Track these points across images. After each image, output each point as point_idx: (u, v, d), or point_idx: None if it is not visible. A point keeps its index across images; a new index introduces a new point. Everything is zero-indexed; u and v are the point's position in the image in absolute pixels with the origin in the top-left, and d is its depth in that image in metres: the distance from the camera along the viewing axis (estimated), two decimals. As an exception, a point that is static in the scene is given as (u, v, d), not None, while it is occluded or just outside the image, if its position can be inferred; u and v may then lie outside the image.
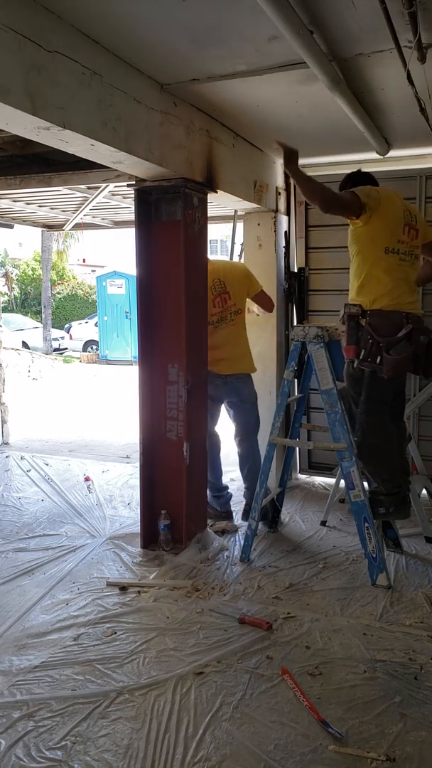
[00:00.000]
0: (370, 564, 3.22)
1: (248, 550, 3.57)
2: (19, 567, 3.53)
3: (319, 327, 3.40)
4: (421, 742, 2.12)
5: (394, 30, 2.38)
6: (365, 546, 3.22)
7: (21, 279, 24.54)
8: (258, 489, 3.61)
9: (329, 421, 3.31)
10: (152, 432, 3.72)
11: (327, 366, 3.34)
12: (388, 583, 3.18)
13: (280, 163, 4.80)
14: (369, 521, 3.21)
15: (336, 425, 3.29)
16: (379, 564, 3.20)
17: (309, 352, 3.42)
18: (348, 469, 3.25)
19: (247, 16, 2.33)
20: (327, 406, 3.31)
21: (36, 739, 2.16)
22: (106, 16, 2.37)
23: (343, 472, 3.28)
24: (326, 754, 2.07)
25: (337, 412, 3.28)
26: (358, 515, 3.24)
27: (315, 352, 3.37)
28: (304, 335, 3.42)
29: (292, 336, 3.43)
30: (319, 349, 3.37)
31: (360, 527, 3.24)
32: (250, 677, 2.49)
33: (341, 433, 3.28)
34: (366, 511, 3.22)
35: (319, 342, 3.36)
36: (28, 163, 4.36)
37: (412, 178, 4.49)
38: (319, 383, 3.36)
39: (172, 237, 3.51)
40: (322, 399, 3.34)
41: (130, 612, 3.00)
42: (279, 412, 3.58)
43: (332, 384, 3.31)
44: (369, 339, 3.16)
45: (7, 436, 6.69)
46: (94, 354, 16.67)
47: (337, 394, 3.29)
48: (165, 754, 2.08)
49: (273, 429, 3.56)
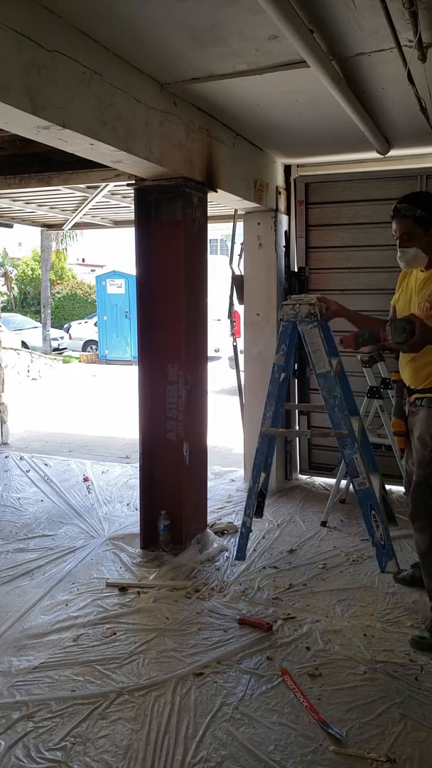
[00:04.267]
0: (379, 551, 3.06)
1: (243, 549, 3.42)
2: (18, 567, 3.52)
3: (311, 304, 3.06)
4: (421, 743, 2.12)
5: (395, 29, 2.38)
6: (372, 534, 3.06)
7: (20, 279, 24.52)
8: (251, 484, 3.40)
9: (327, 406, 3.07)
10: (152, 432, 3.71)
11: (322, 347, 3.04)
12: (397, 569, 3.07)
13: (280, 163, 4.80)
14: (375, 509, 3.04)
15: (335, 411, 3.06)
16: (387, 551, 3.05)
17: (301, 333, 3.09)
18: (351, 457, 3.05)
19: (247, 15, 2.33)
20: (324, 391, 3.06)
21: (36, 739, 2.15)
22: (106, 15, 2.37)
23: (346, 459, 3.08)
24: (326, 755, 2.07)
25: (336, 397, 3.04)
26: (364, 503, 3.06)
27: (308, 332, 3.05)
28: (294, 314, 3.08)
29: (280, 316, 3.11)
30: (312, 328, 3.04)
31: (366, 515, 3.07)
32: (250, 678, 2.49)
33: (341, 418, 3.05)
34: (372, 498, 3.04)
35: (312, 321, 3.04)
36: (28, 162, 4.35)
37: (412, 177, 4.49)
38: (314, 366, 3.07)
39: (172, 236, 3.51)
40: (318, 383, 3.09)
41: (129, 613, 2.99)
42: (270, 400, 3.26)
43: (329, 366, 3.05)
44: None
45: (7, 436, 6.68)
46: (94, 354, 16.65)
47: (334, 378, 3.05)
48: (165, 755, 2.08)
49: (264, 419, 3.27)
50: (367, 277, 4.72)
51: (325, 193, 4.83)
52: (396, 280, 3.10)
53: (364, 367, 4.24)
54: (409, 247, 2.81)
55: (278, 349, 3.21)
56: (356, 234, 4.73)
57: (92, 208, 6.28)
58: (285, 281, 4.86)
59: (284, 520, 4.23)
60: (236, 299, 4.98)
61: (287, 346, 3.18)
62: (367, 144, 3.94)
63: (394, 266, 4.36)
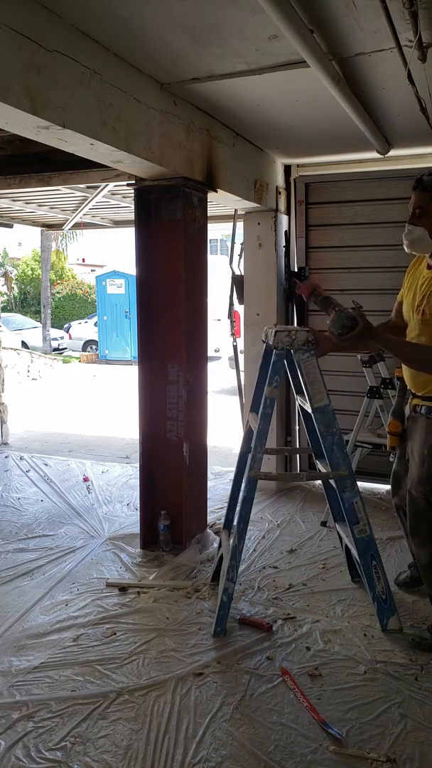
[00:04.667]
0: (380, 607, 2.81)
1: (224, 622, 2.81)
2: (18, 567, 3.52)
3: (308, 331, 2.79)
4: (421, 743, 2.12)
5: (395, 29, 2.38)
6: (373, 588, 2.79)
7: (20, 279, 24.52)
8: (236, 542, 2.86)
9: (325, 444, 2.78)
10: (152, 432, 3.71)
11: (320, 378, 2.78)
12: (399, 626, 2.81)
13: (280, 163, 4.80)
14: (377, 558, 2.80)
15: (334, 449, 2.78)
16: (389, 606, 2.81)
17: (297, 362, 2.80)
18: (350, 501, 2.78)
19: (247, 15, 2.33)
20: (322, 427, 2.77)
21: (36, 739, 2.15)
22: (106, 15, 2.37)
23: (345, 504, 2.79)
24: (326, 755, 2.07)
25: (335, 434, 2.77)
26: (364, 553, 2.80)
27: (305, 361, 2.77)
28: (290, 342, 2.75)
29: (274, 343, 2.77)
30: (309, 357, 2.77)
31: (367, 566, 2.79)
32: (250, 678, 2.48)
33: (341, 458, 2.78)
34: (373, 547, 2.80)
35: (310, 349, 2.77)
36: (28, 162, 4.35)
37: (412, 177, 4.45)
38: (311, 400, 2.78)
39: (172, 236, 3.51)
40: (315, 419, 2.79)
41: (129, 613, 2.99)
42: (260, 440, 2.79)
43: (327, 400, 2.78)
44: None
45: (7, 436, 6.68)
46: (94, 354, 16.66)
47: (332, 412, 2.79)
48: (165, 755, 2.08)
49: (254, 461, 2.80)
50: (367, 277, 4.72)
51: (325, 193, 4.83)
52: (396, 280, 3.07)
53: (364, 367, 4.24)
54: (418, 225, 2.60)
55: (271, 381, 2.80)
56: (356, 234, 4.73)
57: (92, 208, 6.27)
58: (285, 281, 4.86)
59: (284, 520, 4.23)
60: (236, 299, 4.98)
61: (281, 377, 2.83)
62: (367, 144, 3.94)
63: (394, 266, 4.40)
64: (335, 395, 3.06)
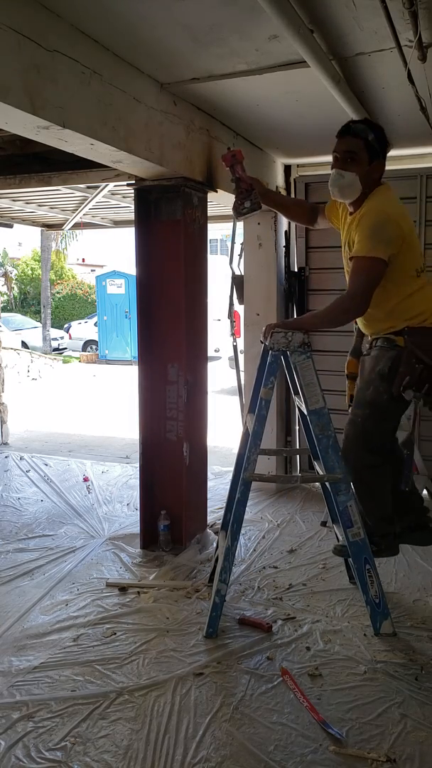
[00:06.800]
0: (373, 611, 2.80)
1: (216, 624, 2.80)
2: (18, 567, 3.52)
3: (304, 333, 2.74)
4: (421, 743, 2.11)
5: (395, 29, 2.38)
6: (366, 591, 2.78)
7: (20, 279, 24.52)
8: (229, 543, 2.83)
9: (320, 447, 2.76)
10: (152, 432, 3.71)
11: (316, 380, 2.74)
12: (393, 630, 2.80)
13: (280, 163, 4.80)
14: (370, 562, 2.78)
15: (329, 452, 2.74)
16: (383, 610, 2.80)
17: (293, 364, 2.76)
18: (344, 504, 2.76)
19: (247, 15, 2.33)
20: (317, 429, 2.74)
21: (36, 739, 2.15)
22: (106, 15, 2.37)
23: (339, 507, 2.77)
24: (326, 755, 2.07)
25: (330, 436, 2.74)
26: (358, 556, 2.79)
27: (301, 363, 2.71)
28: (286, 343, 2.71)
29: (270, 344, 2.74)
30: (305, 359, 2.72)
31: (360, 570, 2.78)
32: (250, 678, 2.48)
33: (335, 460, 2.75)
34: (367, 551, 2.79)
35: (306, 351, 2.73)
36: (28, 162, 4.35)
37: (412, 177, 4.48)
38: (307, 402, 2.74)
39: (172, 236, 3.51)
40: (311, 421, 2.77)
41: (129, 613, 2.99)
42: (256, 441, 2.77)
43: (323, 402, 2.74)
44: (415, 363, 2.64)
45: (7, 436, 6.68)
46: (94, 354, 16.66)
47: (328, 414, 2.75)
48: (165, 755, 2.08)
49: (248, 462, 2.78)
50: (367, 277, 4.70)
51: (325, 193, 4.76)
52: None
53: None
54: (349, 171, 2.61)
55: (266, 382, 2.76)
56: (356, 234, 4.72)
57: (92, 208, 6.28)
58: (285, 281, 4.86)
59: (284, 520, 4.23)
60: (236, 299, 4.97)
61: (276, 378, 2.79)
62: (367, 144, 3.94)
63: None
64: (332, 395, 3.06)
